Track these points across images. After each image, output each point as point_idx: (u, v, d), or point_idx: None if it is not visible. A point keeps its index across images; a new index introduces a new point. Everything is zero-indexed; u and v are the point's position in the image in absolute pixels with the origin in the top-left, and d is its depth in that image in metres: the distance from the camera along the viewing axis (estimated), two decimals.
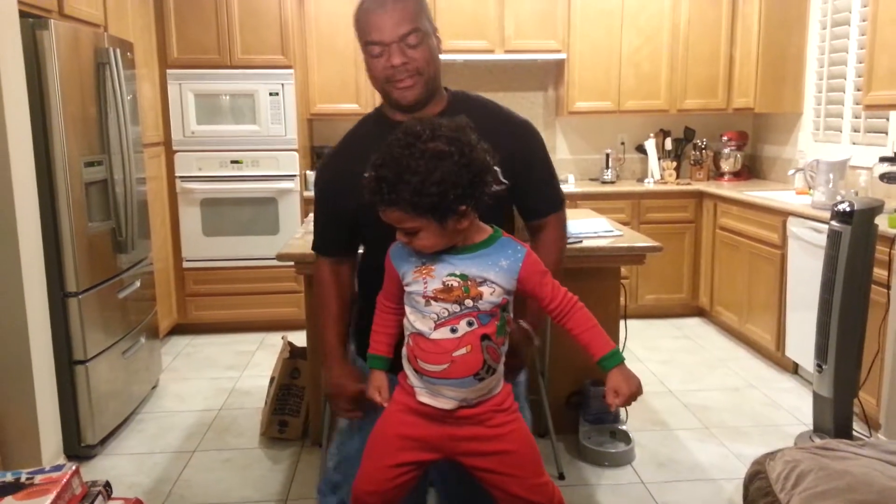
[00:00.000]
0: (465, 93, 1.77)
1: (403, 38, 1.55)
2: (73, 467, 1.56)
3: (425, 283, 1.45)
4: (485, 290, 1.44)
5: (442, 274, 1.44)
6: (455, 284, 1.43)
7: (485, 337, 1.45)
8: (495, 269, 1.45)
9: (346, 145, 1.74)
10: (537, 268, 1.48)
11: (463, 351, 1.44)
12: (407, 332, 1.51)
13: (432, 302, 1.44)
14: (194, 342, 4.56)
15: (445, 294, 1.43)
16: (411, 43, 1.56)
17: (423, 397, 1.50)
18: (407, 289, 1.49)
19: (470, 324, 1.44)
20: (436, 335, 1.44)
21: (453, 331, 1.44)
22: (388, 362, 1.61)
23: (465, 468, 1.57)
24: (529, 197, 1.74)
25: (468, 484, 1.61)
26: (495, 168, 1.46)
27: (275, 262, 2.92)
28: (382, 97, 1.67)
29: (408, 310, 1.50)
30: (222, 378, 3.94)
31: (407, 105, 1.62)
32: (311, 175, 4.72)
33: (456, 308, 1.43)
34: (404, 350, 1.52)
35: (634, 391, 1.45)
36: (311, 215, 3.57)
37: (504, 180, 1.57)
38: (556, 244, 1.78)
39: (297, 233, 3.35)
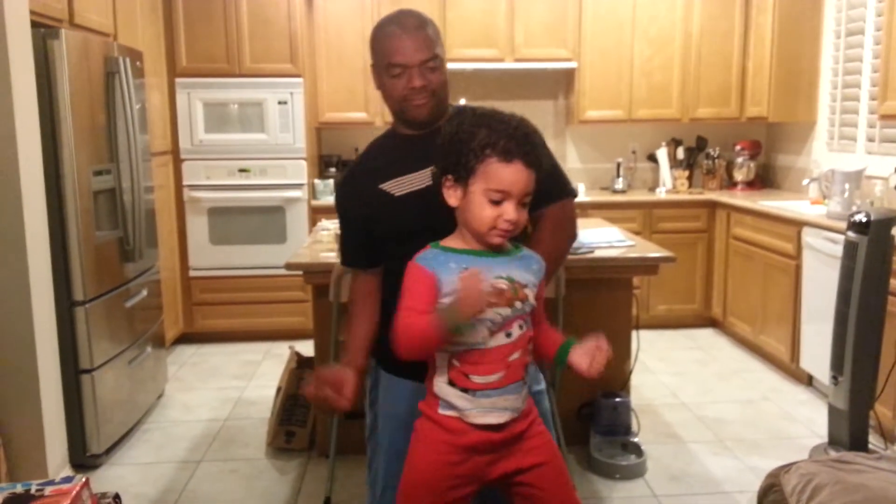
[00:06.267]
0: (467, 105, 1.82)
1: (424, 63, 1.63)
2: (83, 479, 1.56)
3: None
4: (529, 293, 1.47)
5: (489, 277, 1.41)
6: (504, 287, 1.43)
7: (530, 339, 1.48)
8: (531, 274, 1.49)
9: (363, 162, 1.80)
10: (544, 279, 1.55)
11: (517, 355, 1.45)
12: (446, 355, 1.45)
13: (486, 308, 1.40)
14: (200, 351, 4.54)
15: (497, 297, 1.41)
16: (430, 67, 1.64)
17: (478, 418, 1.44)
18: (448, 300, 1.40)
19: (521, 327, 1.46)
20: (492, 343, 1.42)
21: (508, 335, 1.44)
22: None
23: (504, 493, 1.53)
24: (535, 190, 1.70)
25: None
26: None
27: (282, 272, 2.91)
28: (395, 115, 1.73)
29: None
30: (228, 388, 3.92)
31: (421, 122, 1.69)
32: (318, 183, 4.72)
33: (508, 312, 1.43)
34: (439, 381, 1.46)
35: (602, 345, 1.48)
36: (320, 224, 3.57)
37: None
38: (553, 236, 1.73)
39: (304, 242, 3.34)
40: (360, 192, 1.71)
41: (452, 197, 1.47)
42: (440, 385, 1.47)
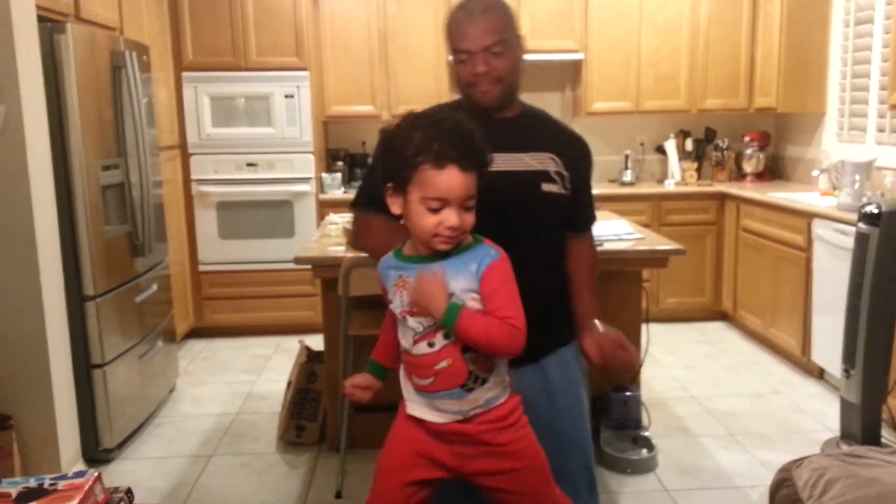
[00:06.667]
0: (534, 107, 1.84)
1: (488, 49, 1.63)
2: (96, 474, 1.57)
3: (401, 297, 1.42)
4: (457, 301, 1.36)
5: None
6: None
7: (467, 349, 1.39)
8: (466, 275, 1.37)
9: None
10: (502, 275, 1.38)
11: (444, 364, 1.39)
12: (400, 349, 1.49)
13: (407, 317, 1.40)
14: (210, 346, 4.55)
15: (417, 307, 1.39)
16: (495, 52, 1.63)
17: (415, 410, 1.46)
18: (390, 305, 1.47)
19: (447, 336, 1.38)
20: (416, 350, 1.41)
21: (430, 345, 1.39)
22: (382, 370, 1.58)
23: (476, 488, 1.53)
24: (574, 209, 1.79)
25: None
26: (564, 173, 1.66)
27: (291, 266, 2.91)
28: (464, 99, 1.74)
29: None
30: (239, 382, 3.93)
31: (485, 108, 1.68)
32: (326, 177, 4.71)
33: (430, 322, 1.38)
34: (402, 370, 1.51)
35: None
36: (328, 218, 3.57)
37: (569, 187, 1.70)
38: (593, 256, 1.88)
39: (312, 236, 3.33)
40: None
41: (395, 205, 1.41)
42: (402, 374, 1.50)
